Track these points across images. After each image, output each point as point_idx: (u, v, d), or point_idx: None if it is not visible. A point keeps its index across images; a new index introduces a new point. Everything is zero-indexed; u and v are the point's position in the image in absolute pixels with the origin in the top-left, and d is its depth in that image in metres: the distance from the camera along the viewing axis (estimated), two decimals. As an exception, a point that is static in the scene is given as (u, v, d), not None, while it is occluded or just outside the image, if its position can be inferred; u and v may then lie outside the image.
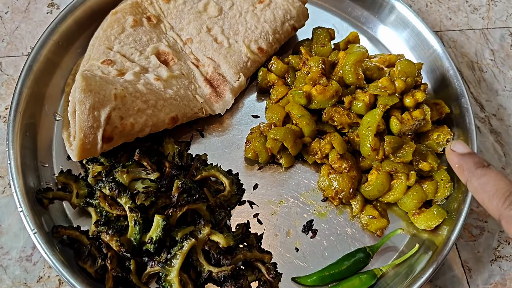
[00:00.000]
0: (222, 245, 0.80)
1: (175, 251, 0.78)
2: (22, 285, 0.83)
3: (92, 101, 0.79)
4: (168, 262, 0.77)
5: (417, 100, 0.93)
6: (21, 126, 0.88)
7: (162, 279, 0.77)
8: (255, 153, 0.93)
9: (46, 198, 0.85)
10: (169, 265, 0.77)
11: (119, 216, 0.82)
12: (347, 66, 0.94)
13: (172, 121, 0.90)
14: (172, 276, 0.77)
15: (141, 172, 0.85)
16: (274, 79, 1.01)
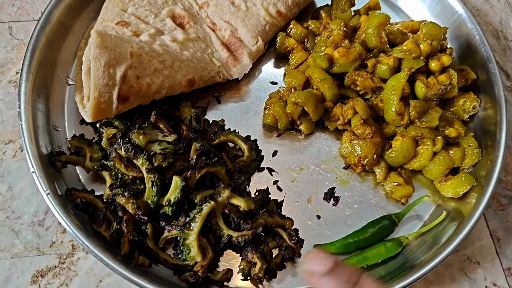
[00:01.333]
0: (242, 209, 0.76)
1: (194, 214, 0.75)
2: (35, 250, 0.80)
3: (108, 58, 0.76)
4: (186, 225, 0.74)
5: (443, 64, 0.89)
6: (33, 88, 0.85)
7: (181, 243, 0.74)
8: (275, 118, 0.90)
9: (59, 161, 0.82)
10: (187, 228, 0.74)
11: (135, 179, 0.79)
12: (370, 29, 0.91)
13: (189, 84, 0.87)
14: (190, 240, 0.74)
15: (158, 134, 0.82)
16: (293, 44, 0.97)
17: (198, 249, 0.74)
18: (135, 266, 0.75)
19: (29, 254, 0.80)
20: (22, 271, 0.79)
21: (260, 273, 0.74)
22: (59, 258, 0.80)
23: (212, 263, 0.76)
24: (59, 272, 0.79)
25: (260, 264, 0.74)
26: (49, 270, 0.79)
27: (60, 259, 0.80)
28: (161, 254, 0.77)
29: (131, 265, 0.75)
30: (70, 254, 0.80)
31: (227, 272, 0.78)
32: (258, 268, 0.74)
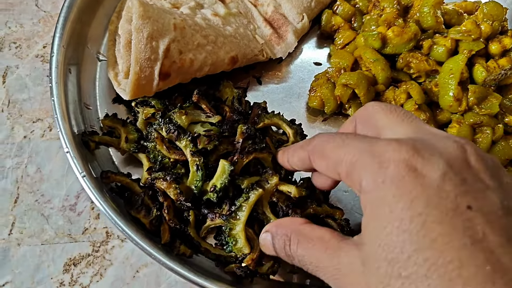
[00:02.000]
0: (293, 195, 0.70)
1: (241, 202, 0.69)
2: (66, 237, 0.75)
3: (151, 29, 0.70)
4: (232, 214, 0.68)
5: (505, 47, 0.83)
6: (65, 62, 0.79)
7: (226, 234, 0.69)
8: (322, 101, 0.84)
9: (93, 141, 0.76)
10: (233, 218, 0.68)
11: (176, 162, 0.73)
12: (426, 8, 0.84)
13: (231, 62, 0.81)
14: (237, 230, 0.68)
15: (201, 115, 0.76)
16: (339, 23, 0.91)
17: (245, 240, 0.68)
18: (176, 256, 0.70)
19: (60, 240, 0.74)
20: (54, 259, 0.73)
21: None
22: (93, 246, 0.74)
23: (262, 255, 0.70)
24: (92, 261, 0.73)
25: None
26: (82, 258, 0.74)
27: (93, 247, 0.74)
28: (202, 243, 0.72)
29: (172, 254, 0.69)
30: (104, 242, 0.75)
31: (273, 265, 0.73)
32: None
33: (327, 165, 0.50)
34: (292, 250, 0.53)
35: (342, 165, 0.46)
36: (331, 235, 0.50)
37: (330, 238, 0.49)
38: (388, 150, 0.42)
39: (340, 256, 0.46)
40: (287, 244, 0.54)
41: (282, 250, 0.56)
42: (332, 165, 0.49)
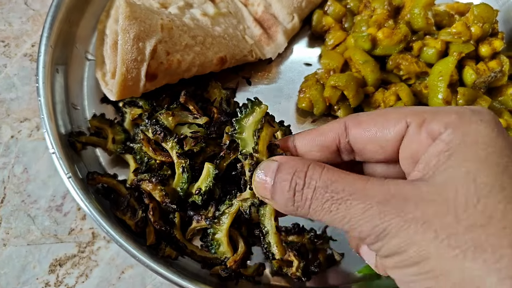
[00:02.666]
0: None
1: (224, 209, 0.68)
2: (52, 237, 0.74)
3: (137, 30, 0.69)
4: (215, 220, 0.68)
5: (495, 49, 0.83)
6: (52, 62, 0.78)
7: (210, 237, 0.68)
8: (310, 103, 0.83)
9: (80, 142, 0.76)
10: (217, 223, 0.68)
11: (162, 164, 0.73)
12: (417, 9, 0.84)
13: (220, 62, 0.80)
14: (220, 235, 0.68)
15: (188, 116, 0.75)
16: (330, 23, 0.90)
17: (228, 245, 0.68)
18: (161, 258, 0.70)
19: (46, 241, 0.74)
20: (39, 260, 0.73)
21: (298, 272, 0.68)
22: (79, 247, 0.74)
23: (245, 257, 0.70)
24: (78, 262, 0.73)
25: (297, 262, 0.68)
26: (68, 259, 0.73)
27: (79, 247, 0.74)
28: (188, 245, 0.72)
29: (157, 256, 0.69)
30: (90, 242, 0.75)
31: (259, 267, 0.73)
32: (295, 267, 0.68)
33: (387, 120, 0.43)
34: (310, 177, 0.42)
35: (421, 114, 0.42)
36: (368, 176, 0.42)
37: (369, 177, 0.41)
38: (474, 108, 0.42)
39: (399, 183, 0.39)
40: (302, 171, 0.42)
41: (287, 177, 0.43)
42: (398, 116, 0.43)
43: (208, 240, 0.69)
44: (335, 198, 0.40)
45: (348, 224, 0.39)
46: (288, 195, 0.43)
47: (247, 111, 0.52)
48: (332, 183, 0.40)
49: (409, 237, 0.37)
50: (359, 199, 0.39)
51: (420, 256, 0.36)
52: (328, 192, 0.40)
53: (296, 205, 0.43)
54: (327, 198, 0.40)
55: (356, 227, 0.39)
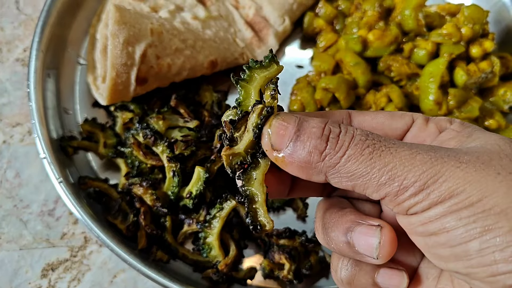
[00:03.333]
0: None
1: (215, 213, 0.68)
2: (44, 242, 0.75)
3: (127, 34, 0.69)
4: (207, 224, 0.68)
5: (485, 50, 0.83)
6: (43, 67, 0.78)
7: (201, 241, 0.69)
8: (302, 105, 0.84)
9: (71, 147, 0.76)
10: (208, 227, 0.68)
11: (153, 168, 0.73)
12: (408, 11, 0.84)
13: (211, 66, 0.80)
14: (212, 239, 0.68)
15: (178, 119, 0.76)
16: (321, 25, 0.90)
17: (219, 249, 0.68)
18: (153, 262, 0.70)
19: (38, 246, 0.74)
20: (31, 264, 0.73)
21: (290, 274, 0.68)
22: (71, 251, 0.74)
23: (236, 260, 0.70)
24: (70, 266, 0.73)
25: (289, 265, 0.69)
26: (60, 263, 0.74)
27: (71, 252, 0.74)
28: (180, 249, 0.72)
29: (148, 260, 0.69)
30: (83, 247, 0.75)
31: (251, 270, 0.73)
32: (286, 269, 0.68)
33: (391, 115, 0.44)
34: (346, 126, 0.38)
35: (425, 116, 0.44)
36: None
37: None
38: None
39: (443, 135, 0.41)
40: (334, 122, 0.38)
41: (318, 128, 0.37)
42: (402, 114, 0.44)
43: (200, 244, 0.69)
44: (377, 145, 0.36)
45: (389, 173, 0.35)
46: (318, 142, 0.37)
47: (264, 64, 0.43)
48: (374, 132, 0.37)
49: (468, 176, 0.34)
50: (404, 146, 0.36)
51: (482, 194, 0.33)
52: (369, 139, 0.36)
53: (325, 153, 0.36)
54: (368, 144, 0.36)
55: (400, 174, 0.35)
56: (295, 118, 0.38)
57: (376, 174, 0.35)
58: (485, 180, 0.34)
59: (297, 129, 0.37)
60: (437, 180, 0.34)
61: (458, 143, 0.39)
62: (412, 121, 0.43)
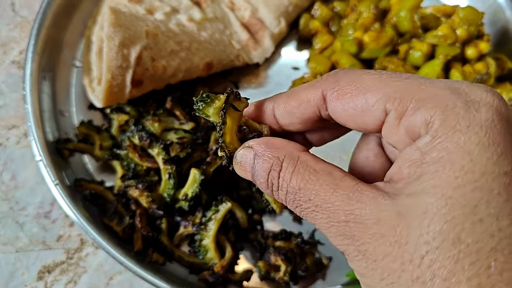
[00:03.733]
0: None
1: (210, 215, 0.68)
2: (41, 244, 0.75)
3: (122, 37, 0.70)
4: (202, 226, 0.68)
5: (481, 51, 0.83)
6: (39, 69, 0.78)
7: (197, 243, 0.69)
8: (298, 106, 0.84)
9: (67, 149, 0.76)
10: (204, 229, 0.68)
11: (149, 170, 0.73)
12: (403, 12, 0.84)
13: (206, 68, 0.81)
14: (208, 241, 0.68)
15: (174, 121, 0.76)
16: (317, 27, 0.91)
17: (215, 251, 0.68)
18: (149, 264, 0.70)
19: (34, 248, 0.74)
20: (28, 267, 0.73)
21: (286, 276, 0.68)
22: (67, 253, 0.74)
23: (232, 262, 0.70)
24: (67, 268, 0.73)
25: (284, 266, 0.69)
26: (56, 265, 0.74)
27: (68, 254, 0.74)
28: (176, 251, 0.72)
29: (144, 262, 0.69)
30: (79, 249, 0.75)
31: (247, 272, 0.73)
32: (282, 271, 0.69)
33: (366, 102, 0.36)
34: (283, 179, 0.39)
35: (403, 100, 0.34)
36: (342, 173, 0.37)
37: (343, 176, 0.37)
38: (477, 90, 0.34)
39: (362, 201, 0.34)
40: (275, 170, 0.39)
41: (263, 175, 0.40)
42: (377, 101, 0.36)
43: (196, 246, 0.69)
44: (303, 207, 0.37)
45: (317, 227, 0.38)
46: (268, 192, 0.41)
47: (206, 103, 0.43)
48: (300, 190, 0.37)
49: (360, 266, 0.35)
50: (323, 213, 0.36)
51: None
52: (296, 200, 0.38)
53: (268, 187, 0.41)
54: (296, 205, 0.38)
55: (326, 234, 0.37)
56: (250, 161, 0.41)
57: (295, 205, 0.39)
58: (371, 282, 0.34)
59: (252, 177, 0.41)
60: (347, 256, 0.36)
61: (401, 183, 0.34)
62: (385, 114, 0.36)
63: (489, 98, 0.33)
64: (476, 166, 0.31)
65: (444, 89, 0.34)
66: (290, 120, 0.43)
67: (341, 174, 0.37)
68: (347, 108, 0.38)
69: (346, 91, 0.38)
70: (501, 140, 0.32)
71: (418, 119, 0.34)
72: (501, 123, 0.32)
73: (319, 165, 0.38)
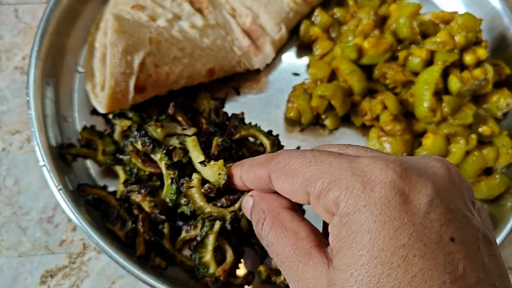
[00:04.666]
0: None
1: (206, 231, 0.69)
2: (43, 249, 0.75)
3: (126, 44, 0.70)
4: (199, 244, 0.69)
5: (479, 58, 0.84)
6: (42, 75, 0.79)
7: (197, 262, 0.69)
8: (298, 112, 0.85)
9: (70, 154, 0.77)
10: (201, 246, 0.69)
11: (151, 175, 0.74)
12: (402, 19, 0.85)
13: (208, 74, 0.81)
14: (207, 258, 0.69)
15: (176, 127, 0.76)
16: (317, 33, 0.92)
17: (215, 266, 0.69)
18: (151, 268, 0.70)
19: (37, 252, 0.75)
20: (31, 271, 0.74)
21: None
22: (69, 258, 0.75)
23: (234, 266, 0.71)
24: (69, 273, 0.74)
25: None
26: (59, 270, 0.74)
27: (70, 258, 0.75)
28: (178, 255, 0.73)
29: (147, 266, 0.70)
30: (81, 253, 0.76)
31: (248, 276, 0.73)
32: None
33: (293, 185, 0.42)
34: (263, 232, 0.46)
35: (316, 184, 0.39)
36: (306, 234, 0.42)
37: (304, 237, 0.42)
38: (373, 168, 0.37)
39: (307, 265, 0.40)
40: (260, 222, 0.46)
41: (255, 224, 0.48)
42: (300, 185, 0.41)
43: (196, 265, 0.69)
44: (275, 259, 0.44)
45: None
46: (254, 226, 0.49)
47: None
48: (272, 245, 0.44)
49: None
50: (283, 268, 0.43)
51: None
52: (271, 252, 0.45)
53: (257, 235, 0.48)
54: (271, 256, 0.45)
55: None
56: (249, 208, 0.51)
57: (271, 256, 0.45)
58: None
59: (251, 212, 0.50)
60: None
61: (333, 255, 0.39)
62: (308, 195, 0.41)
63: (383, 176, 0.36)
64: (375, 243, 0.34)
65: (347, 171, 0.38)
66: (255, 187, 0.51)
67: (305, 233, 0.42)
68: (282, 189, 0.44)
69: (280, 175, 0.44)
70: (396, 215, 0.35)
71: (328, 200, 0.38)
72: (395, 198, 0.35)
73: (291, 224, 0.43)
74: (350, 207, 0.36)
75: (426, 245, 0.34)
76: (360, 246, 0.35)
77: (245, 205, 0.52)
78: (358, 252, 0.35)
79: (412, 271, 0.33)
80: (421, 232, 0.34)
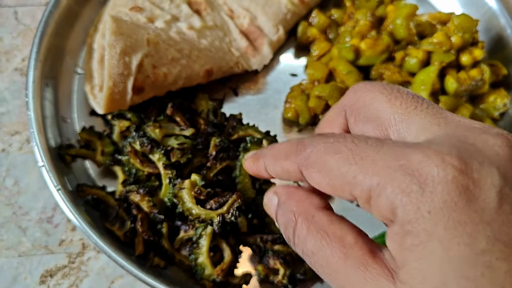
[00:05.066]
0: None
1: (200, 232, 0.69)
2: (43, 249, 0.76)
3: (123, 45, 0.71)
4: (194, 245, 0.70)
5: (475, 58, 0.85)
6: (42, 76, 0.80)
7: (193, 263, 0.70)
8: (296, 113, 0.85)
9: (69, 155, 0.77)
10: (196, 248, 0.70)
11: (150, 175, 0.75)
12: (399, 20, 0.86)
13: (206, 75, 0.82)
14: (202, 259, 0.69)
15: (175, 128, 0.77)
16: (315, 34, 0.92)
17: (211, 267, 0.69)
18: (150, 268, 0.71)
19: (37, 252, 0.76)
20: (30, 271, 0.74)
21: (284, 279, 0.70)
22: (69, 258, 0.76)
23: (232, 266, 0.72)
24: (69, 272, 0.75)
25: (283, 270, 0.70)
26: (59, 270, 0.75)
27: (69, 258, 0.76)
28: (177, 255, 0.73)
29: (145, 266, 0.71)
30: (80, 253, 0.76)
31: (246, 276, 0.74)
32: (281, 275, 0.70)
33: (333, 185, 0.36)
34: (298, 238, 0.39)
35: (363, 187, 0.34)
36: (353, 238, 0.36)
37: (353, 243, 0.35)
38: (429, 166, 0.31)
39: (365, 279, 0.34)
40: (290, 226, 0.39)
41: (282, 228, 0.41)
42: (342, 186, 0.35)
43: (193, 266, 0.70)
44: (319, 271, 0.38)
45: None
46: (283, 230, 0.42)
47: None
48: (314, 255, 0.37)
49: None
50: (333, 284, 0.37)
51: None
52: (312, 263, 0.38)
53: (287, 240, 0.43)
54: (312, 267, 0.38)
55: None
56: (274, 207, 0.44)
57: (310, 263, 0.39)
58: None
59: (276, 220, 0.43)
60: None
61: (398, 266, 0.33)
62: (353, 197, 0.36)
63: (442, 174, 0.31)
64: (451, 254, 0.30)
65: (396, 171, 0.32)
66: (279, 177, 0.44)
67: (352, 239, 0.36)
68: (321, 187, 0.38)
69: (313, 172, 0.38)
70: (467, 218, 0.30)
71: (381, 205, 0.33)
72: (461, 198, 0.30)
73: (332, 227, 0.37)
74: (411, 213, 0.31)
75: (506, 244, 0.29)
76: (433, 258, 0.30)
77: (268, 203, 0.44)
78: (433, 265, 0.30)
79: (499, 279, 0.29)
80: (497, 231, 0.30)
